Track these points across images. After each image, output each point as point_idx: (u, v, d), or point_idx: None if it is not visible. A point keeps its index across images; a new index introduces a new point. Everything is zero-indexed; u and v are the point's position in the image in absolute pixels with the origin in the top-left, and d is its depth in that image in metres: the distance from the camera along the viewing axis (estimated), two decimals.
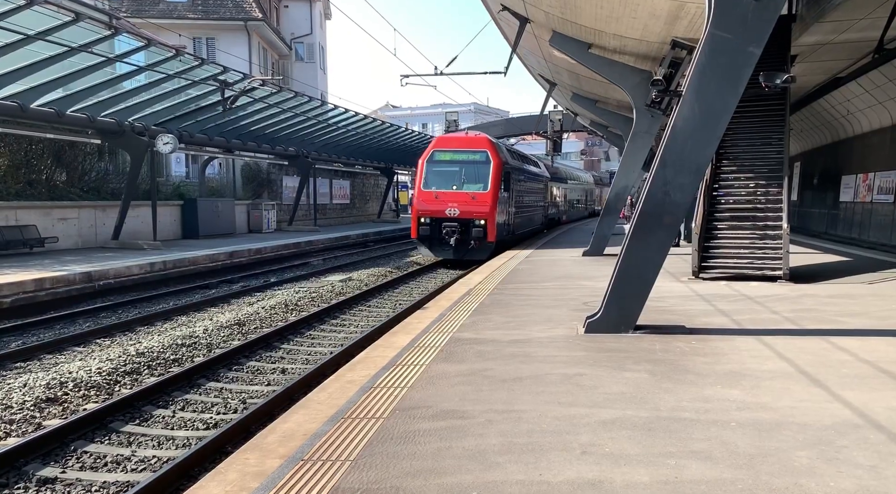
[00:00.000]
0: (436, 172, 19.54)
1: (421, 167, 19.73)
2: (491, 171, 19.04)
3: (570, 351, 6.88)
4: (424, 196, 19.24)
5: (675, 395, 5.37)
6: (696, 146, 7.38)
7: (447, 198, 18.98)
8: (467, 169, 19.32)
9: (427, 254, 19.80)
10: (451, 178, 19.37)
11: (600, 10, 13.12)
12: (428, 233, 19.06)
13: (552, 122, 29.83)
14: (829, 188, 23.63)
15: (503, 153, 20.33)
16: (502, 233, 19.80)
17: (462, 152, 19.63)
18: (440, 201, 19.01)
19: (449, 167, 19.49)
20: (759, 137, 13.50)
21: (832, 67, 17.37)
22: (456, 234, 18.76)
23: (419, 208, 19.20)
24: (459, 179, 19.32)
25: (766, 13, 6.97)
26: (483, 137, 20.27)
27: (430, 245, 19.37)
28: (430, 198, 19.13)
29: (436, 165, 19.59)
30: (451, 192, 19.11)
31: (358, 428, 4.59)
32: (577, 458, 4.07)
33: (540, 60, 20.83)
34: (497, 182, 19.05)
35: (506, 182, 19.64)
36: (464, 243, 18.87)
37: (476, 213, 18.63)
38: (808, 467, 3.95)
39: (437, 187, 19.31)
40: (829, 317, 8.86)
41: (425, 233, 19.12)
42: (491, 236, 18.68)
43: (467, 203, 18.80)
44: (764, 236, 12.62)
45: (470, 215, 18.67)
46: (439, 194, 19.08)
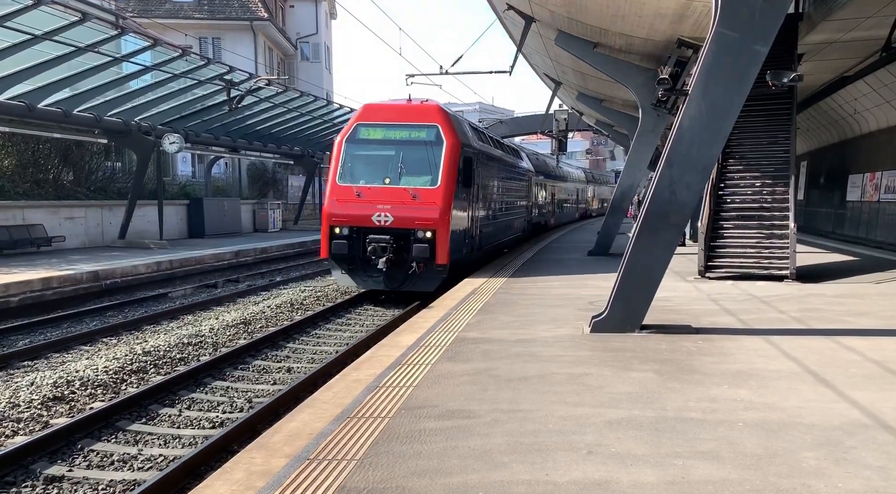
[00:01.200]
0: (359, 157, 12.91)
1: (337, 150, 12.95)
2: (444, 156, 12.42)
3: (576, 351, 6.87)
4: (340, 195, 12.57)
5: (681, 395, 5.35)
6: (703, 145, 7.35)
7: (375, 197, 12.37)
8: (408, 153, 12.66)
9: (345, 282, 12.92)
10: (383, 166, 12.74)
11: (606, 9, 13.09)
12: (345, 251, 12.31)
13: (557, 121, 29.75)
14: (836, 187, 23.52)
15: (463, 132, 13.58)
16: (461, 249, 13.32)
17: (400, 128, 12.86)
18: (365, 201, 12.35)
19: (379, 150, 12.91)
20: (766, 136, 13.45)
21: (839, 66, 17.27)
22: (388, 252, 12.10)
23: (332, 213, 12.48)
24: (395, 169, 12.62)
25: (773, 11, 6.94)
26: (433, 106, 13.20)
27: (349, 269, 12.69)
28: (348, 197, 12.49)
29: (359, 147, 12.92)
30: (382, 188, 12.50)
31: (364, 428, 4.59)
32: (584, 458, 4.06)
33: (545, 59, 20.79)
34: (453, 173, 12.48)
35: (466, 173, 12.91)
36: (401, 266, 12.38)
37: (420, 220, 12.12)
38: (816, 468, 3.94)
39: (360, 180, 12.67)
40: (836, 317, 8.82)
41: (341, 251, 12.31)
42: (442, 255, 12.11)
43: (406, 205, 12.21)
44: (770, 235, 12.57)
45: (410, 224, 12.14)
46: (364, 192, 12.47)
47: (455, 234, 12.64)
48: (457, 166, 12.62)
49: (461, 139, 12.98)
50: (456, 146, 12.66)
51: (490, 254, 16.91)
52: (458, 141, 12.78)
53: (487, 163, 15.69)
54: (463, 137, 13.21)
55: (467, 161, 13.01)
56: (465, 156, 12.92)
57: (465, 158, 12.95)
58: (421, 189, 12.35)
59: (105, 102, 18.55)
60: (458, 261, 13.18)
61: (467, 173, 13.00)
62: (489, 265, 15.34)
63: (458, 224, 12.87)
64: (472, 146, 13.77)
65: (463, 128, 13.85)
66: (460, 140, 12.87)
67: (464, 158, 12.86)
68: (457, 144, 12.69)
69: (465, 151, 12.97)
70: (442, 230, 12.11)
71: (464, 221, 13.39)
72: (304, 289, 14.98)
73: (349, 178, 12.76)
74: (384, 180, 12.64)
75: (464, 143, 13.07)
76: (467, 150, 13.23)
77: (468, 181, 13.13)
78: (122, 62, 17.77)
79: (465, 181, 12.92)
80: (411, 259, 12.22)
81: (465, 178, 12.93)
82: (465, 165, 12.91)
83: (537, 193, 26.10)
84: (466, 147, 13.22)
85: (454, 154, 12.58)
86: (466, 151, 13.15)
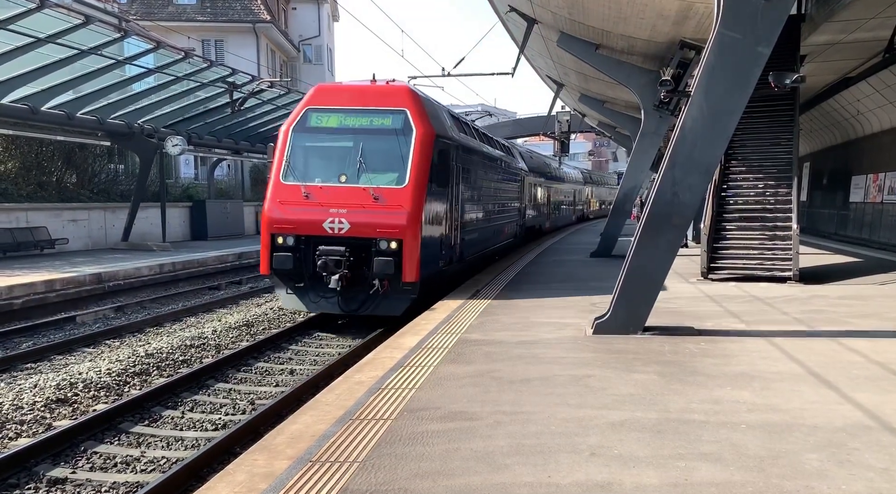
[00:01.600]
0: (309, 149, 10.69)
1: (282, 141, 10.72)
2: (414, 148, 10.25)
3: (579, 353, 6.86)
4: (285, 196, 10.33)
5: (684, 397, 5.35)
6: (705, 147, 7.35)
7: (328, 199, 10.14)
8: (369, 145, 10.43)
9: (292, 304, 10.60)
10: (338, 161, 10.54)
11: (608, 11, 13.09)
12: (290, 266, 10.03)
13: (560, 123, 29.73)
14: (839, 189, 23.48)
15: (439, 120, 11.32)
16: (436, 261, 10.94)
17: (359, 114, 10.62)
18: (315, 204, 10.12)
19: (334, 140, 10.73)
20: (769, 137, 13.44)
21: (842, 67, 17.25)
22: (343, 268, 9.85)
23: (273, 219, 10.23)
24: (353, 164, 10.38)
25: (776, 13, 6.93)
26: (401, 88, 11.09)
27: (296, 288, 10.42)
28: (295, 199, 10.24)
29: (309, 137, 10.69)
30: (337, 188, 10.25)
31: (366, 430, 4.59)
32: (586, 460, 4.06)
33: (548, 61, 20.80)
34: (425, 169, 10.27)
35: (443, 169, 10.79)
36: (360, 284, 10.11)
37: (383, 227, 9.95)
38: (819, 469, 3.93)
39: (309, 178, 10.39)
40: (839, 318, 8.80)
41: (284, 265, 10.06)
42: (411, 270, 9.92)
43: (367, 209, 10.03)
44: (773, 236, 12.56)
45: (371, 232, 9.95)
46: (314, 192, 10.22)
47: (428, 243, 10.38)
48: (430, 161, 10.36)
49: (436, 128, 10.73)
50: (429, 136, 10.41)
51: (476, 264, 14.58)
52: (432, 130, 10.53)
53: (471, 158, 13.42)
54: (438, 126, 10.98)
55: (444, 155, 10.88)
56: (440, 148, 10.72)
57: (441, 151, 10.76)
58: (385, 189, 10.11)
59: (108, 104, 18.60)
60: (433, 276, 10.92)
61: (444, 170, 10.86)
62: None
63: (431, 231, 10.60)
64: (450, 138, 11.49)
65: (439, 115, 11.54)
66: (434, 129, 10.61)
67: (439, 150, 10.67)
68: (430, 134, 10.45)
69: (440, 143, 10.79)
70: (410, 239, 9.89)
71: (440, 227, 11.06)
72: None
73: (296, 175, 10.49)
74: (339, 178, 10.34)
75: (439, 133, 10.84)
76: (444, 141, 11.02)
77: (445, 179, 10.93)
78: (125, 65, 17.82)
79: (440, 179, 10.75)
80: (373, 276, 9.91)
81: (441, 175, 10.77)
82: (441, 159, 10.75)
83: (531, 194, 23.63)
84: (443, 138, 10.98)
85: (427, 146, 10.35)
86: (443, 143, 10.92)
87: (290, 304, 10.64)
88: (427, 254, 10.36)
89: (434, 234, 10.82)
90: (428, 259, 10.44)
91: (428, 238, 10.42)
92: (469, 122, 15.59)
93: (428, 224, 10.42)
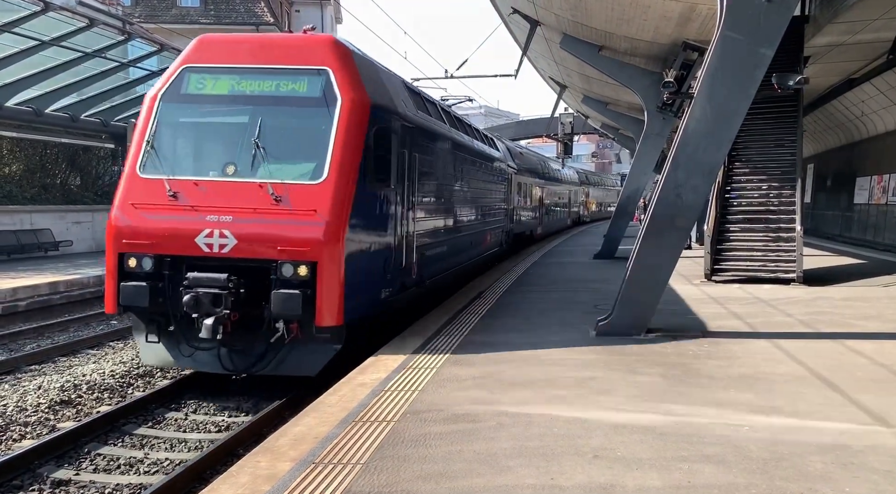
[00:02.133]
0: (182, 127, 7.56)
1: (146, 115, 7.49)
2: (338, 126, 7.04)
3: (582, 354, 6.85)
4: (142, 195, 7.12)
5: (687, 399, 5.34)
6: (709, 148, 7.34)
7: (206, 200, 6.94)
8: (271, 119, 7.25)
9: (152, 358, 7.38)
10: (225, 144, 7.41)
11: (611, 13, 13.09)
12: (144, 302, 6.80)
13: (563, 124, 29.74)
14: (844, 190, 23.42)
15: (382, 88, 8.02)
16: (375, 292, 7.69)
17: (260, 75, 7.44)
18: (186, 208, 6.94)
19: (220, 114, 7.56)
20: (772, 138, 13.42)
21: (846, 68, 17.22)
22: (225, 306, 6.62)
23: (121, 229, 7.00)
24: (246, 150, 7.17)
25: (779, 14, 6.93)
26: (322, 40, 7.75)
27: (159, 333, 7.16)
28: (155, 200, 7.05)
29: (185, 108, 7.53)
30: (221, 183, 7.06)
31: (369, 431, 4.59)
32: (589, 462, 4.05)
33: (550, 63, 20.80)
34: (354, 157, 7.04)
35: (383, 158, 7.35)
36: (254, 329, 6.90)
37: (287, 243, 6.73)
38: (823, 472, 3.91)
39: (181, 168, 7.26)
40: (843, 320, 8.78)
41: (136, 300, 6.83)
42: (330, 309, 6.68)
43: (263, 216, 6.81)
44: (777, 238, 12.53)
45: (268, 251, 6.73)
46: (184, 190, 7.03)
47: (360, 265, 6.99)
48: (363, 144, 6.95)
49: (375, 99, 7.29)
50: (361, 108, 6.95)
51: (445, 286, 11.01)
52: (367, 101, 7.06)
53: (436, 147, 9.80)
54: (380, 96, 7.51)
55: (386, 137, 7.19)
56: (382, 127, 7.17)
57: (383, 132, 7.16)
58: (294, 186, 6.75)
59: (112, 106, 18.66)
60: (372, 313, 7.47)
61: (385, 158, 7.17)
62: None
63: (366, 247, 7.19)
64: (399, 114, 7.99)
65: (382, 82, 7.92)
66: (372, 99, 7.15)
67: (380, 130, 7.12)
68: (363, 105, 6.97)
69: (382, 120, 7.28)
70: (330, 262, 6.54)
71: (382, 240, 7.61)
72: None
73: (161, 165, 7.11)
74: (225, 170, 6.92)
75: (380, 105, 7.39)
76: (389, 118, 7.53)
77: (387, 172, 7.23)
78: (128, 67, 17.88)
79: (381, 172, 7.16)
80: (272, 318, 6.60)
81: (382, 165, 7.14)
82: (382, 142, 7.12)
83: (521, 195, 20.45)
84: (387, 113, 7.52)
85: (359, 123, 6.90)
86: (386, 120, 7.40)
87: (152, 358, 7.26)
88: (359, 281, 6.97)
89: (371, 251, 7.35)
90: (360, 289, 7.04)
91: (360, 258, 7.00)
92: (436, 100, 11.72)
93: (360, 237, 6.99)
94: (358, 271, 7.04)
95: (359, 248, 7.09)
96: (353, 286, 6.85)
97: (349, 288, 6.77)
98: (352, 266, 6.85)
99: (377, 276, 7.64)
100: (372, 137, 7.13)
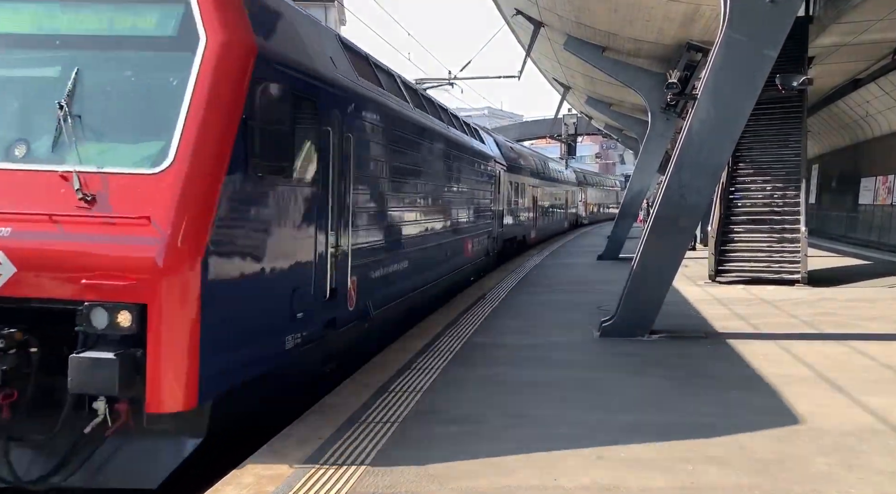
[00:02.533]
0: None
1: None
2: (197, 79, 4.28)
3: (586, 355, 6.85)
4: None
5: (691, 400, 5.33)
6: (713, 149, 7.34)
7: None
8: (92, 72, 4.47)
9: None
10: (15, 109, 4.53)
11: (614, 14, 13.10)
12: None
13: (566, 125, 29.76)
14: (848, 191, 23.37)
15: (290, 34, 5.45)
16: (272, 344, 4.96)
17: (80, 6, 4.64)
18: None
19: (15, 65, 4.65)
20: (776, 139, 13.40)
21: (850, 69, 17.20)
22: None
23: None
24: (46, 119, 4.34)
25: (782, 15, 6.92)
26: None
27: None
28: None
29: None
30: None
31: (373, 432, 4.60)
32: (593, 463, 4.05)
33: (554, 64, 20.81)
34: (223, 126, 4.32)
35: (278, 134, 4.58)
36: (49, 412, 4.06)
37: (100, 275, 3.96)
38: (828, 473, 3.90)
39: None
40: (848, 321, 8.75)
41: None
42: (175, 384, 3.98)
43: (61, 228, 4.05)
44: (781, 239, 12.51)
45: (69, 288, 4.00)
46: None
47: (240, 303, 4.62)
48: (242, 110, 4.50)
49: (268, 44, 4.98)
50: (239, 56, 4.58)
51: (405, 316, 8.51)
52: (251, 45, 4.67)
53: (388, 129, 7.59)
54: (279, 44, 5.26)
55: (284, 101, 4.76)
56: (277, 85, 4.71)
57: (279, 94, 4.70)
58: (118, 178, 4.25)
59: None
60: (268, 374, 4.97)
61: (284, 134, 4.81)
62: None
63: (252, 273, 4.78)
64: (318, 75, 5.73)
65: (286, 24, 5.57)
66: (259, 44, 4.77)
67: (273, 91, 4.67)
68: (243, 51, 4.62)
69: (281, 76, 4.92)
70: (172, 301, 4.08)
71: (284, 261, 5.19)
72: None
73: None
74: (10, 152, 4.38)
75: (279, 54, 5.11)
76: (293, 77, 5.19)
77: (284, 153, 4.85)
78: None
79: (276, 154, 4.76)
80: (77, 395, 4.08)
81: (279, 145, 4.77)
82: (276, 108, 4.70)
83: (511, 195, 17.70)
84: (290, 68, 5.20)
85: (234, 78, 4.52)
86: (288, 80, 5.03)
87: None
88: (236, 329, 4.57)
89: (264, 277, 4.91)
90: (240, 339, 4.62)
91: (237, 290, 4.61)
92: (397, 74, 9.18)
93: (237, 259, 4.63)
94: (233, 311, 4.49)
95: (234, 274, 4.54)
96: (221, 338, 4.34)
97: (213, 342, 4.23)
98: (219, 305, 4.31)
99: (276, 315, 5.06)
100: (260, 99, 4.57)
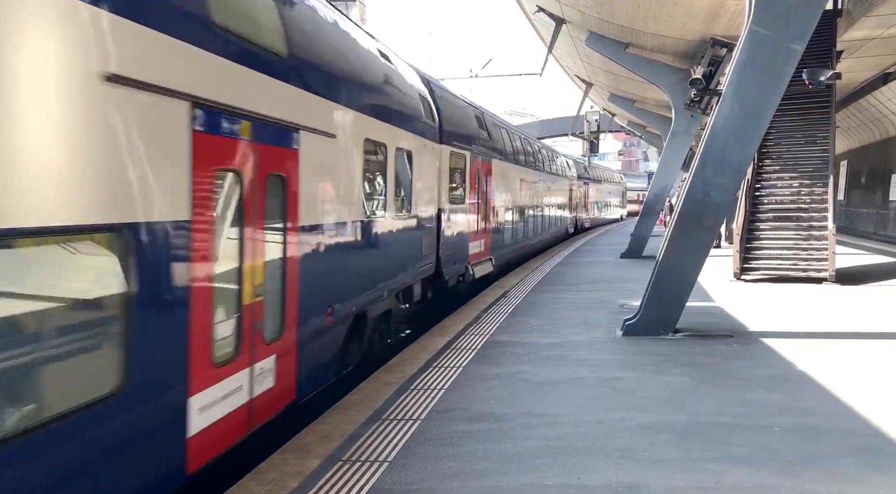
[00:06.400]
0: None
1: None
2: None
3: (608, 354, 6.82)
4: None
5: (714, 399, 5.29)
6: (737, 146, 7.25)
7: None
8: None
9: None
10: None
11: (637, 10, 12.99)
12: None
13: (588, 122, 29.60)
14: (878, 187, 22.93)
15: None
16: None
17: None
18: None
19: None
20: (803, 135, 13.19)
21: (880, 63, 16.86)
22: None
23: None
24: None
25: (810, 9, 6.82)
26: None
27: None
28: None
29: None
30: None
31: (395, 430, 4.63)
32: (615, 462, 4.04)
33: (576, 61, 20.70)
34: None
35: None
36: None
37: None
38: (854, 474, 3.86)
39: None
40: (877, 320, 8.60)
41: None
42: None
43: None
44: (808, 236, 12.32)
45: None
46: None
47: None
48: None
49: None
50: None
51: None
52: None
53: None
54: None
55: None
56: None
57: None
58: None
59: None
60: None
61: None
62: None
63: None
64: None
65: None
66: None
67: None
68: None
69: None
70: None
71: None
72: None
73: None
74: None
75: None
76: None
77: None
78: None
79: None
80: None
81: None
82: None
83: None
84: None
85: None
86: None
87: None
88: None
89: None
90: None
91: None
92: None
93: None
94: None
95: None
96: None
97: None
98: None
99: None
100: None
